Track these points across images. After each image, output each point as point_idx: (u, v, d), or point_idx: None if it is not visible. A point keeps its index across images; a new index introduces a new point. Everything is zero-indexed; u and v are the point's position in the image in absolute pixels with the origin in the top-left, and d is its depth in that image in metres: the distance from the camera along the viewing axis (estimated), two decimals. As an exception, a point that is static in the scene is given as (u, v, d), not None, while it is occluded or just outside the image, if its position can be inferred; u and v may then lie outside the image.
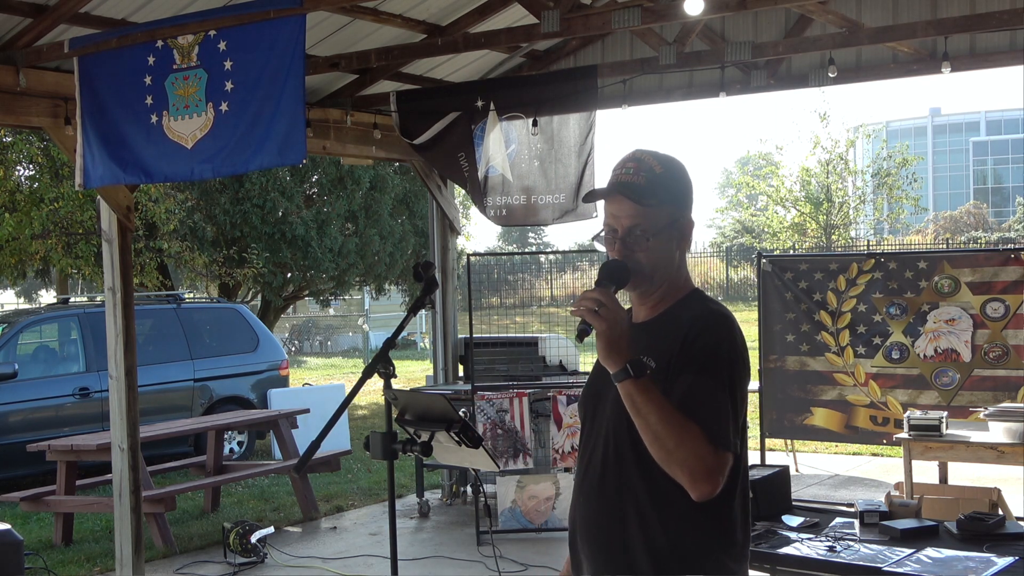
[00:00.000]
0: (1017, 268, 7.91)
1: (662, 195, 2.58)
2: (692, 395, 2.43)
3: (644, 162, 2.60)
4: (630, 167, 2.60)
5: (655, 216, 2.57)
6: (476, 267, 12.84)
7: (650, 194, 2.56)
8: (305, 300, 23.49)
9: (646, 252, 2.57)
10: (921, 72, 7.55)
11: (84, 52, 5.87)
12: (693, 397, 2.43)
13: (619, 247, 2.59)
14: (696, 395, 2.43)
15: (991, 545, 4.36)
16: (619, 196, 2.58)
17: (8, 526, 6.16)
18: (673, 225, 2.60)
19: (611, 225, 2.60)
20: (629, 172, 2.59)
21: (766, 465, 6.42)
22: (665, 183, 2.59)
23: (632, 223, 2.57)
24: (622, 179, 2.59)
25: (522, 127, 8.44)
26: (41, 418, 10.55)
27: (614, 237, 2.59)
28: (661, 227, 2.58)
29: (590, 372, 2.78)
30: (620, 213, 2.58)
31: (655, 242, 2.57)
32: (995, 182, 79.70)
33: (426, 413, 3.08)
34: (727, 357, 2.49)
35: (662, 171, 2.59)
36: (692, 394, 2.43)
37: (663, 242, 2.59)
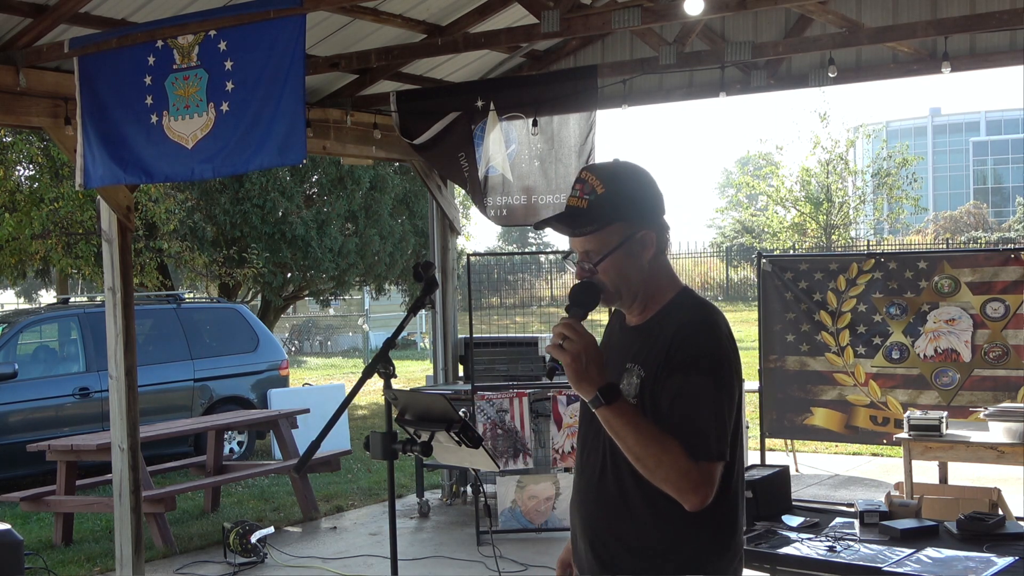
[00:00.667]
0: (1017, 268, 7.91)
1: (606, 215, 2.57)
2: (673, 409, 2.46)
3: (588, 183, 2.58)
4: (577, 189, 2.59)
5: (602, 238, 2.57)
6: (476, 267, 12.83)
7: (590, 219, 2.57)
8: (305, 300, 23.49)
9: (604, 273, 2.58)
10: (921, 72, 7.55)
11: (84, 52, 5.87)
12: (674, 411, 2.45)
13: (578, 270, 2.62)
14: (677, 408, 2.46)
15: (991, 545, 4.36)
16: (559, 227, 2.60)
17: (8, 526, 6.15)
18: (628, 241, 2.58)
19: (573, 248, 2.64)
20: (576, 195, 2.59)
21: (766, 465, 6.42)
22: (610, 201, 2.57)
23: (583, 248, 2.60)
24: (569, 204, 2.59)
25: (522, 127, 8.43)
26: (41, 418, 10.55)
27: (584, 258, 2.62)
28: (612, 246, 2.57)
29: None
30: (572, 239, 2.62)
31: (609, 263, 2.57)
32: (995, 182, 79.69)
33: (426, 413, 3.08)
34: (708, 366, 2.48)
35: (604, 191, 2.57)
36: (673, 407, 2.46)
37: (619, 260, 2.58)
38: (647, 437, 2.42)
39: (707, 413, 2.46)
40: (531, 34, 6.39)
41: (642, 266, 2.61)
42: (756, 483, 4.86)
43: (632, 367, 2.58)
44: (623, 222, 2.58)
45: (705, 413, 2.45)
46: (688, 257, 39.35)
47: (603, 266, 2.58)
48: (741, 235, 41.12)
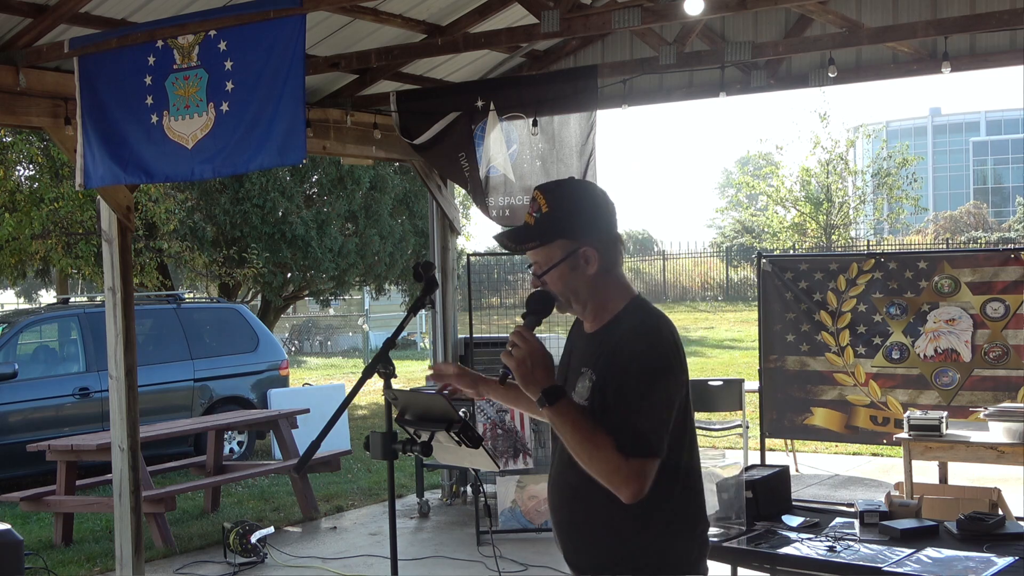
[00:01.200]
0: (1017, 268, 7.91)
1: (550, 232, 2.79)
2: (609, 409, 2.67)
3: (536, 202, 2.82)
4: (529, 208, 2.84)
5: (547, 252, 2.81)
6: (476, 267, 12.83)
7: (533, 236, 2.81)
8: (305, 300, 23.49)
9: (551, 283, 2.82)
10: (921, 72, 7.55)
11: (84, 52, 5.86)
12: (609, 411, 2.67)
13: (532, 280, 2.88)
14: (612, 408, 2.67)
15: (991, 545, 4.36)
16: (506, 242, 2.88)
17: (8, 526, 6.15)
18: (572, 256, 2.79)
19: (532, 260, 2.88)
20: (528, 212, 2.84)
21: (766, 465, 6.42)
22: (553, 219, 2.79)
23: (533, 260, 2.86)
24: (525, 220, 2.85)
25: (522, 127, 8.43)
26: (41, 418, 10.55)
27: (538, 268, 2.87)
28: (555, 261, 2.80)
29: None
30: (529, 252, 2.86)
31: (554, 275, 2.81)
32: (995, 182, 79.69)
33: (426, 413, 3.08)
34: (646, 367, 2.67)
35: (548, 209, 2.80)
36: (609, 408, 2.67)
37: (563, 273, 2.81)
38: (583, 434, 2.63)
39: (640, 413, 2.64)
40: (531, 34, 6.39)
41: (588, 279, 2.81)
42: (756, 483, 4.86)
43: (586, 371, 2.80)
44: (564, 239, 2.79)
45: (639, 413, 2.64)
46: (688, 257, 39.35)
47: (549, 278, 2.82)
48: (741, 235, 41.13)
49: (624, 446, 2.61)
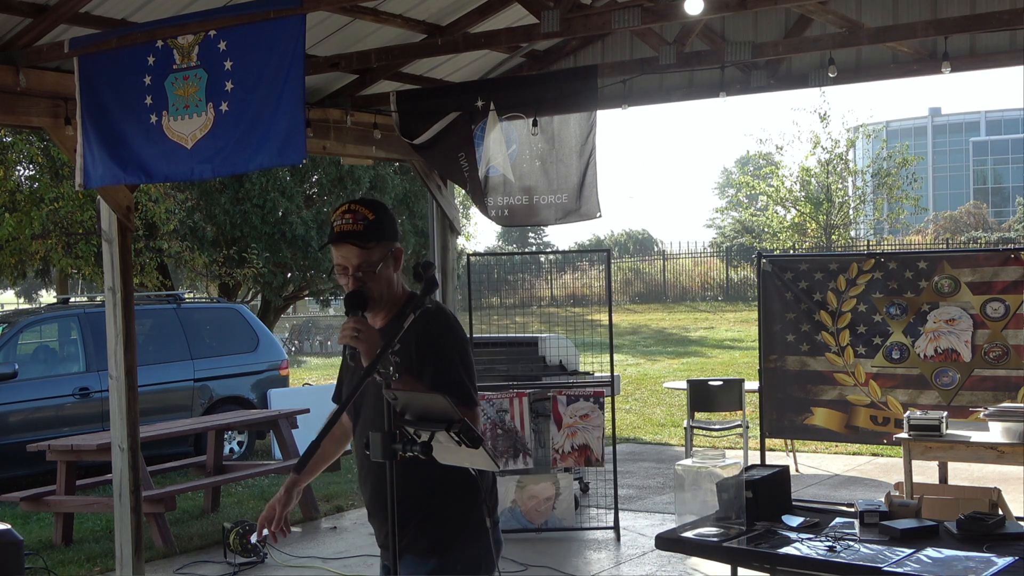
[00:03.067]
0: (1017, 268, 7.91)
1: (379, 235, 3.34)
2: (438, 375, 3.25)
3: (358, 212, 3.33)
4: (348, 218, 3.32)
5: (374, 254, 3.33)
6: (476, 267, 12.84)
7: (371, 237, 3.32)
8: (305, 300, 23.50)
9: (373, 280, 3.34)
10: (921, 72, 7.54)
11: (84, 52, 5.86)
12: (439, 377, 3.25)
13: (352, 281, 3.33)
14: (441, 374, 3.26)
15: (991, 545, 4.36)
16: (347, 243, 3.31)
17: (8, 526, 6.15)
18: (391, 255, 3.38)
19: (342, 264, 3.34)
20: (348, 222, 3.32)
21: (766, 465, 6.42)
22: (379, 225, 3.34)
23: (359, 261, 3.32)
24: (344, 229, 3.32)
25: (522, 127, 8.43)
26: (41, 418, 10.55)
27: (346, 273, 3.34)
28: (379, 260, 3.34)
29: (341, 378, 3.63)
30: (349, 255, 3.32)
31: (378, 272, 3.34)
32: (995, 182, 79.72)
33: (426, 413, 3.09)
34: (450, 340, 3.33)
35: (374, 217, 3.34)
36: (438, 374, 3.25)
37: (384, 270, 3.37)
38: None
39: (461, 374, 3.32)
40: (531, 34, 6.39)
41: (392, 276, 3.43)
42: (756, 483, 4.85)
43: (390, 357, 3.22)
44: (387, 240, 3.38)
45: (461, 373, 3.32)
46: (688, 257, 39.36)
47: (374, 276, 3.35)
48: (741, 235, 41.16)
49: (462, 399, 3.19)
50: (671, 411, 14.62)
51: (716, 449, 11.22)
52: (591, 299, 30.56)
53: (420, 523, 3.34)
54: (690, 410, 10.23)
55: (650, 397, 16.13)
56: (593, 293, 32.18)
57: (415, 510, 3.32)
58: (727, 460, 5.01)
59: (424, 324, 3.27)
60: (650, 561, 7.28)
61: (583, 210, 8.89)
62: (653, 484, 9.96)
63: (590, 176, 8.89)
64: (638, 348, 24.70)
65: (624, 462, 10.60)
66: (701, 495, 4.84)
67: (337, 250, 3.36)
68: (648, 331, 28.86)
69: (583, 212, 8.91)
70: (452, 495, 3.39)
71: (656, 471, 10.55)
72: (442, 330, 3.34)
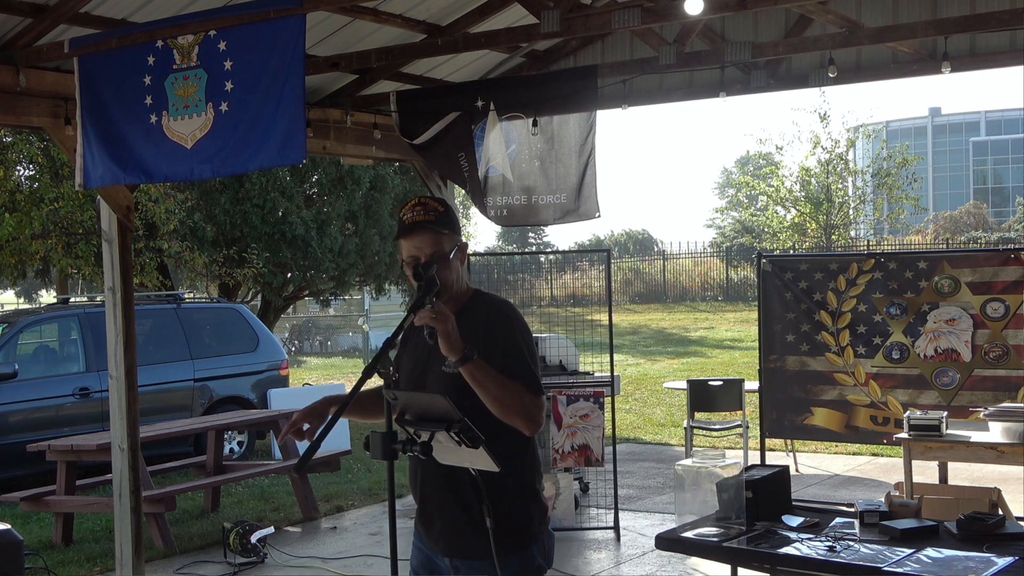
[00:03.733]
0: (1017, 268, 7.91)
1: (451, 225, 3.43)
2: (507, 364, 3.30)
3: (429, 205, 3.43)
4: (419, 210, 3.41)
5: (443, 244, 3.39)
6: (476, 267, 12.80)
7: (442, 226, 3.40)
8: (305, 300, 23.48)
9: (441, 271, 3.35)
10: (921, 72, 7.54)
11: (84, 52, 5.86)
12: (508, 365, 3.30)
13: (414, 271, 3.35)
14: (510, 363, 3.31)
15: (991, 545, 4.36)
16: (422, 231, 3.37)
17: (8, 526, 6.16)
18: (456, 249, 3.44)
19: (415, 255, 3.38)
20: (420, 213, 3.40)
21: (766, 465, 6.41)
22: (449, 218, 3.44)
23: (432, 250, 3.37)
24: (417, 219, 3.39)
25: (522, 127, 8.42)
26: (41, 418, 10.55)
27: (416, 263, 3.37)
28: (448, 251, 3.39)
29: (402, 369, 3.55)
30: (423, 244, 3.37)
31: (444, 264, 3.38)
32: (995, 182, 79.72)
33: (426, 413, 3.09)
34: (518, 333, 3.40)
35: (444, 210, 3.44)
36: (506, 363, 3.30)
37: (452, 262, 3.41)
38: (502, 380, 3.26)
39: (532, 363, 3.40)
40: (531, 34, 6.39)
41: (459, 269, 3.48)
42: (756, 483, 4.85)
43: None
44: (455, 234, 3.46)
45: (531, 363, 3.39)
46: (688, 257, 39.35)
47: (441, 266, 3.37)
48: (741, 235, 41.16)
49: (531, 388, 3.32)
50: (671, 411, 14.62)
51: (716, 449, 11.22)
52: (591, 299, 30.56)
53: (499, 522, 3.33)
54: (690, 410, 10.23)
55: (650, 397, 16.14)
56: (593, 293, 32.18)
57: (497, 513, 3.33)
58: (727, 460, 5.02)
59: (490, 314, 3.40)
60: (650, 561, 7.28)
61: (582, 210, 8.89)
62: (653, 484, 9.96)
63: (589, 176, 8.89)
64: (638, 348, 24.70)
65: (624, 462, 10.60)
66: (701, 495, 4.84)
67: (410, 240, 3.39)
68: (648, 331, 28.86)
69: (582, 212, 8.91)
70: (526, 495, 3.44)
71: (656, 471, 10.55)
72: (508, 320, 3.42)
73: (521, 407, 3.29)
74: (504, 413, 3.27)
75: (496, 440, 3.22)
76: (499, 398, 3.25)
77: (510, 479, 3.36)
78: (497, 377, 3.25)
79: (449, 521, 3.44)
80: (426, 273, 3.28)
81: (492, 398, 3.25)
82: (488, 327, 3.37)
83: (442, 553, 3.47)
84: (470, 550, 3.38)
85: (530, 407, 3.30)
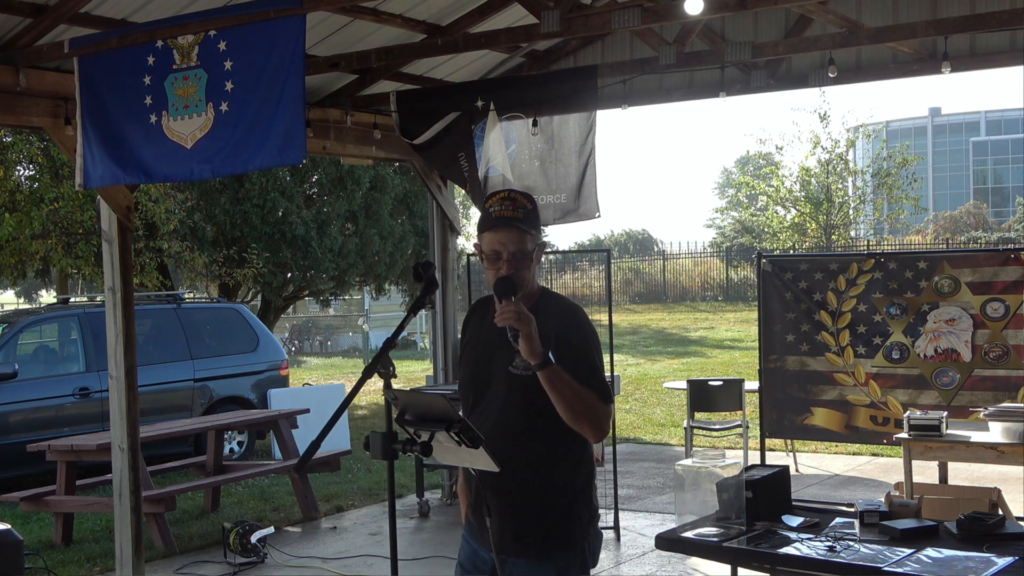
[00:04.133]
0: (1017, 268, 7.90)
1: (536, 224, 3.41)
2: (580, 371, 3.29)
3: (518, 201, 3.38)
4: (508, 204, 3.36)
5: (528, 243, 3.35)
6: (476, 267, 12.81)
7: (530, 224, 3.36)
8: (305, 300, 23.48)
9: (522, 270, 3.34)
10: (921, 72, 7.55)
11: (84, 52, 5.87)
12: (581, 372, 3.29)
13: (505, 266, 3.33)
14: (583, 371, 3.30)
15: (991, 545, 4.35)
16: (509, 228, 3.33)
17: (8, 526, 6.16)
18: (539, 248, 3.42)
19: (497, 250, 3.34)
20: (509, 208, 3.35)
21: (766, 465, 6.41)
22: (536, 217, 3.40)
23: (516, 248, 3.33)
24: (505, 214, 3.34)
25: (522, 127, 8.43)
26: (41, 418, 10.55)
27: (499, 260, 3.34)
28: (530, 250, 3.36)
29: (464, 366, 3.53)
30: (508, 240, 3.33)
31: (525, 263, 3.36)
32: (995, 182, 79.70)
33: (426, 413, 3.09)
34: (589, 338, 3.40)
35: (531, 207, 3.40)
36: (580, 371, 3.29)
37: (530, 262, 3.38)
38: (576, 388, 3.26)
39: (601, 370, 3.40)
40: (531, 34, 6.39)
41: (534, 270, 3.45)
42: (756, 483, 4.85)
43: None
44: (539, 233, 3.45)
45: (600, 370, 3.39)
46: (688, 257, 39.34)
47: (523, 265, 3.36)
48: (741, 235, 41.13)
49: (602, 394, 3.32)
50: (671, 411, 14.62)
51: (716, 449, 11.22)
52: (591, 299, 30.55)
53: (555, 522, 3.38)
54: (690, 410, 10.23)
55: (650, 397, 16.13)
56: (593, 293, 32.17)
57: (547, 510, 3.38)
58: (727, 460, 5.01)
59: (562, 316, 3.40)
60: (650, 561, 7.28)
61: (582, 210, 8.89)
62: (653, 484, 9.96)
63: (589, 176, 8.89)
64: (638, 348, 24.70)
65: (624, 462, 10.60)
66: (701, 495, 4.84)
67: (495, 234, 3.35)
68: (648, 331, 28.86)
69: (582, 212, 8.91)
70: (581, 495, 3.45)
71: (656, 471, 10.55)
72: (582, 326, 3.42)
73: (592, 415, 3.30)
74: (574, 419, 3.28)
75: (559, 441, 3.33)
76: (573, 405, 3.26)
77: (567, 479, 3.39)
78: (573, 384, 3.26)
79: (502, 517, 3.40)
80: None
81: (566, 404, 3.26)
82: (560, 329, 3.34)
83: (491, 548, 3.43)
84: (520, 547, 3.38)
85: (600, 416, 3.32)
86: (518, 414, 3.36)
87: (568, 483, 3.41)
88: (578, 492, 3.44)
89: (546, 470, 3.38)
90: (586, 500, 3.46)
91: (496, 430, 3.34)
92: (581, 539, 3.43)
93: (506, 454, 3.25)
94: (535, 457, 3.36)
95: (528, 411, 3.34)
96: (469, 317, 3.65)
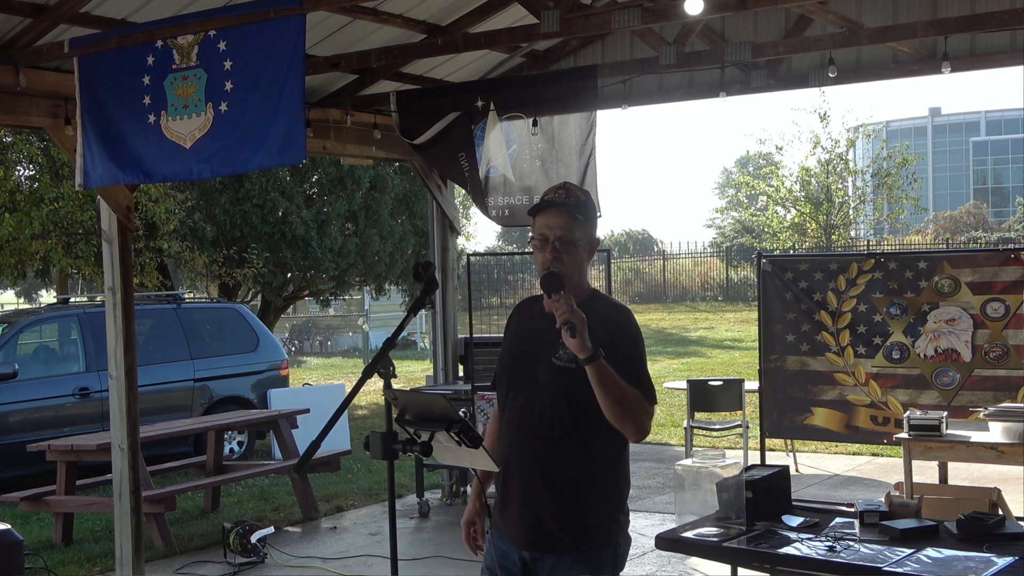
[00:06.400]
0: (1017, 268, 7.90)
1: (588, 215, 3.41)
2: (627, 371, 3.29)
3: (572, 190, 3.43)
4: (561, 192, 3.41)
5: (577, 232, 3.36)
6: (476, 267, 12.80)
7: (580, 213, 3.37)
8: (305, 300, 23.47)
9: (568, 261, 3.36)
10: (921, 72, 7.55)
11: (84, 52, 5.86)
12: (628, 372, 3.29)
13: (551, 250, 3.35)
14: (630, 370, 3.31)
15: (991, 545, 4.35)
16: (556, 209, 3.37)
17: (8, 526, 6.15)
18: (589, 242, 3.43)
19: (544, 234, 3.36)
20: (561, 196, 3.39)
21: (766, 465, 6.41)
22: (588, 208, 3.42)
23: (562, 232, 3.35)
24: (556, 199, 3.38)
25: (522, 127, 8.43)
26: (41, 418, 10.54)
27: (546, 244, 3.36)
28: (580, 241, 3.38)
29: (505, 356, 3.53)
30: (555, 223, 3.36)
31: (573, 254, 3.37)
32: (995, 182, 79.70)
33: (426, 413, 3.09)
34: (637, 339, 3.42)
35: (584, 198, 3.43)
36: (627, 370, 3.30)
37: (579, 254, 3.40)
38: (622, 385, 3.26)
39: (646, 371, 3.40)
40: (531, 34, 6.39)
41: (584, 265, 3.47)
42: (756, 483, 4.85)
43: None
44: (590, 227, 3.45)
45: (646, 371, 3.40)
46: (688, 257, 39.34)
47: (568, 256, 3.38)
48: (741, 235, 41.12)
49: (649, 397, 3.34)
50: (671, 411, 14.61)
51: (716, 449, 11.22)
52: (591, 299, 30.51)
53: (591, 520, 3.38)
54: (690, 410, 10.23)
55: (650, 397, 16.11)
56: (593, 293, 32.14)
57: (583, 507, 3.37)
58: (727, 460, 5.01)
59: (611, 317, 3.40)
60: (650, 561, 7.28)
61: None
62: (653, 484, 9.95)
63: (590, 176, 8.89)
64: (638, 348, 24.66)
65: (624, 462, 10.58)
66: (701, 495, 4.84)
67: (543, 218, 3.38)
68: (648, 331, 28.85)
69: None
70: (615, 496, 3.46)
71: (656, 471, 10.55)
72: (631, 328, 3.42)
73: (635, 414, 3.31)
74: (617, 417, 3.28)
75: (598, 437, 3.34)
76: (618, 402, 3.26)
77: (602, 478, 3.39)
78: (619, 381, 3.26)
79: (532, 514, 3.39)
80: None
81: (611, 401, 3.26)
82: (608, 329, 3.34)
83: (520, 546, 3.43)
84: (551, 545, 3.37)
85: (643, 416, 3.33)
86: (555, 406, 3.36)
87: (606, 482, 3.41)
88: (614, 492, 3.44)
89: (584, 466, 3.37)
90: (620, 501, 3.47)
91: (532, 421, 3.37)
92: (615, 539, 3.43)
93: (540, 447, 3.30)
94: (571, 453, 3.36)
95: (567, 404, 3.34)
96: (514, 312, 3.65)
